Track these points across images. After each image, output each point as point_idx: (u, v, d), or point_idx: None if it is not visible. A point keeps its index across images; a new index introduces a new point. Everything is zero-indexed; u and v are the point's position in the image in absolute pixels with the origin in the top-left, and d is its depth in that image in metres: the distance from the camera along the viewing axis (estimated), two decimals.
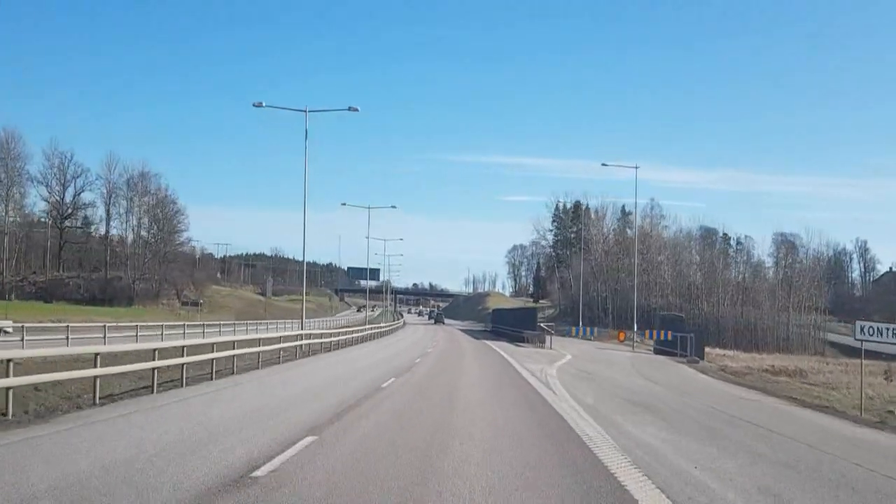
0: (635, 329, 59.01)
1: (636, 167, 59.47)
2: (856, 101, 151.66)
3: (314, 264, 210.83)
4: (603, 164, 60.27)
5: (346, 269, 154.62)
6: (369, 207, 68.40)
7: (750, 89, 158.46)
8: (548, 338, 43.11)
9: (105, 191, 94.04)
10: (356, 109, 36.13)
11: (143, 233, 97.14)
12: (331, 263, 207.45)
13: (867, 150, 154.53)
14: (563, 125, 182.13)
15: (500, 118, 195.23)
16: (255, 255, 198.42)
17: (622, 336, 47.11)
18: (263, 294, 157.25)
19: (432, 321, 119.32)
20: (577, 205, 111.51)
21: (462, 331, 79.70)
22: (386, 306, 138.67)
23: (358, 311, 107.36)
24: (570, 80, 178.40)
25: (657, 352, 45.67)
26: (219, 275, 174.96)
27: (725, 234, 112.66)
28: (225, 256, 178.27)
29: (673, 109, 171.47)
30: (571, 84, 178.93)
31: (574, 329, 48.17)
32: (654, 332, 43.67)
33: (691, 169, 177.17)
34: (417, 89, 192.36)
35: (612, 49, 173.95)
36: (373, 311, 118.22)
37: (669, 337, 42.43)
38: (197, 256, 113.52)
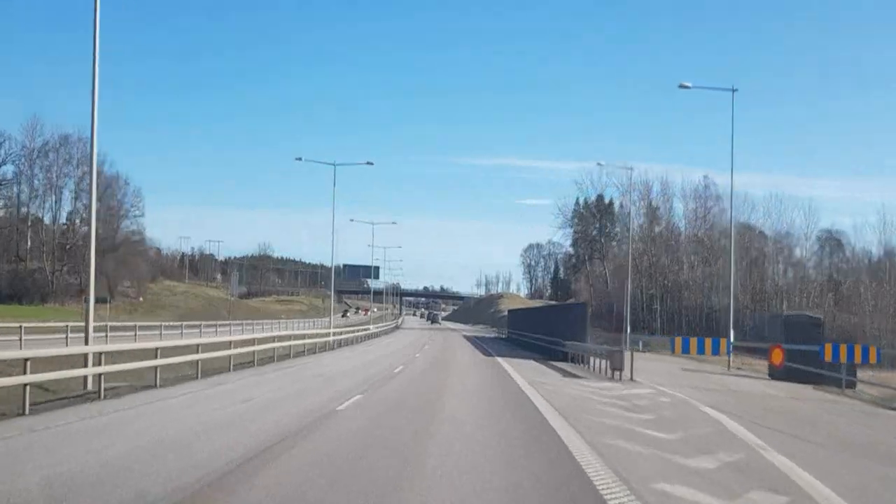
0: (731, 339, 37.29)
1: (733, 90, 36.91)
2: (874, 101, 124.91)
3: (318, 266, 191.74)
4: (682, 86, 37.44)
5: (341, 266, 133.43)
6: (335, 164, 46.16)
7: (764, 91, 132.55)
8: (626, 357, 20.56)
9: (25, 161, 72.07)
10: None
11: (74, 215, 75.04)
12: (338, 266, 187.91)
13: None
14: (577, 128, 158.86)
15: (514, 120, 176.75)
16: (257, 256, 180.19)
17: (779, 357, 24.16)
18: (245, 294, 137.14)
19: (429, 322, 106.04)
20: (599, 198, 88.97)
21: (468, 338, 57.23)
22: (386, 308, 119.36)
23: (343, 315, 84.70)
24: (585, 82, 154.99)
25: (781, 375, 24.33)
26: (218, 276, 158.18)
27: (762, 232, 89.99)
28: (228, 258, 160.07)
29: (686, 112, 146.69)
30: (586, 86, 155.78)
31: (683, 343, 25.56)
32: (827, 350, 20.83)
33: (706, 171, 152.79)
34: (426, 91, 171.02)
35: (624, 50, 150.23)
36: (357, 313, 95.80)
37: (861, 357, 19.68)
38: (148, 247, 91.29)
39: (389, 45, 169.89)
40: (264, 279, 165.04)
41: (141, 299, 72.42)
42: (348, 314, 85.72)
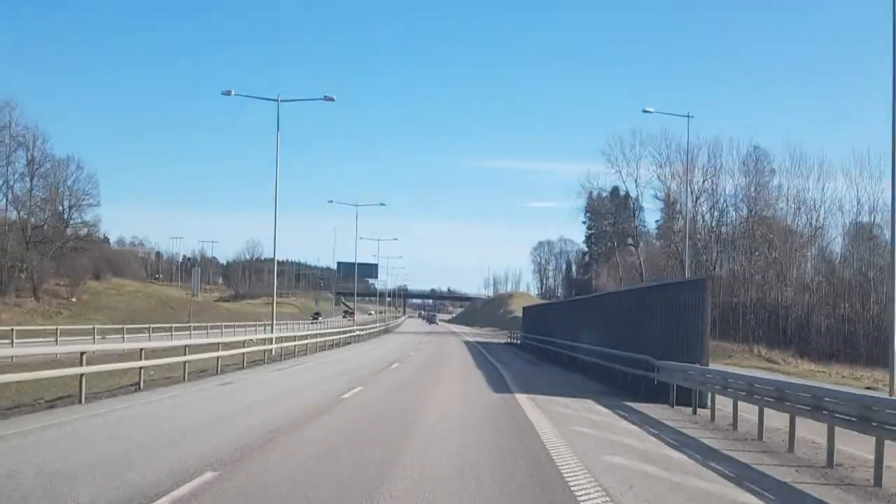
0: None
1: None
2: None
3: (322, 268, 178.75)
4: None
5: (337, 265, 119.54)
6: (278, 100, 30.43)
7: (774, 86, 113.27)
8: None
9: None
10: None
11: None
12: (334, 265, 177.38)
13: None
14: (590, 126, 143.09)
15: (522, 122, 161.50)
16: (263, 259, 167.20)
17: None
18: (234, 296, 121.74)
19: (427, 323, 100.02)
20: (615, 190, 71.89)
21: (471, 346, 41.33)
22: (381, 311, 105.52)
23: (313, 318, 68.62)
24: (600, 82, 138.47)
25: None
26: (220, 279, 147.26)
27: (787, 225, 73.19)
28: (230, 261, 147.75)
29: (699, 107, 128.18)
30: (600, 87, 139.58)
31: None
32: None
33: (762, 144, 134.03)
34: (437, 92, 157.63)
35: (635, 49, 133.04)
36: (347, 316, 79.73)
37: None
38: (102, 240, 75.89)
39: (393, 50, 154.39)
40: (261, 280, 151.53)
41: (74, 299, 56.93)
42: (320, 318, 69.64)
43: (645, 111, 40.65)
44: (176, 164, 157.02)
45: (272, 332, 31.58)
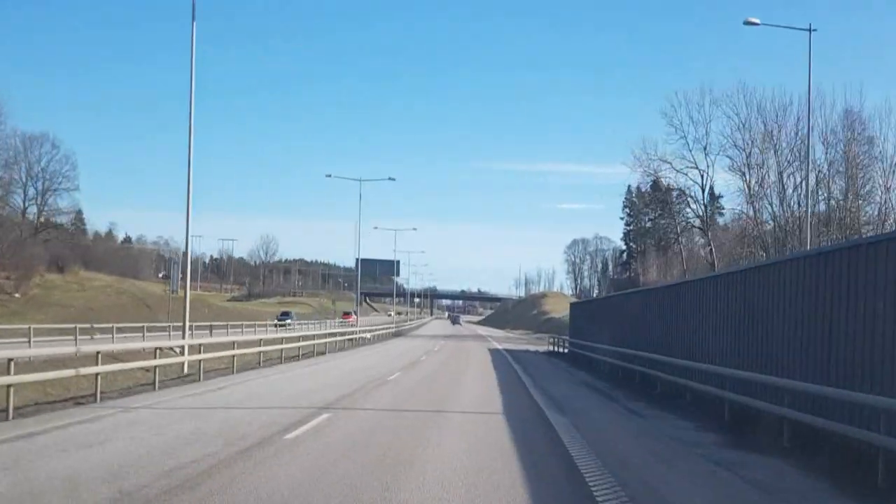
0: None
1: None
2: None
3: (346, 269, 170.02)
4: None
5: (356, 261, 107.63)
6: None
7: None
8: None
9: None
10: None
11: None
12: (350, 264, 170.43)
13: None
14: (620, 132, 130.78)
15: (554, 125, 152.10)
16: (291, 260, 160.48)
17: None
18: (247, 295, 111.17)
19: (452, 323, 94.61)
20: (655, 184, 57.68)
21: (498, 356, 28.81)
22: (402, 312, 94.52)
23: (278, 321, 54.63)
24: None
25: None
26: (247, 279, 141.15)
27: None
28: (262, 261, 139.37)
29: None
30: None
31: None
32: None
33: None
34: (462, 94, 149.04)
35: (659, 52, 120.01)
36: (358, 314, 66.59)
37: None
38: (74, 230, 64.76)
39: (394, 49, 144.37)
40: (288, 282, 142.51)
41: (17, 295, 45.61)
42: (289, 319, 56.16)
43: (747, 23, 27.66)
44: (193, 165, 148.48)
45: (185, 337, 19.30)
